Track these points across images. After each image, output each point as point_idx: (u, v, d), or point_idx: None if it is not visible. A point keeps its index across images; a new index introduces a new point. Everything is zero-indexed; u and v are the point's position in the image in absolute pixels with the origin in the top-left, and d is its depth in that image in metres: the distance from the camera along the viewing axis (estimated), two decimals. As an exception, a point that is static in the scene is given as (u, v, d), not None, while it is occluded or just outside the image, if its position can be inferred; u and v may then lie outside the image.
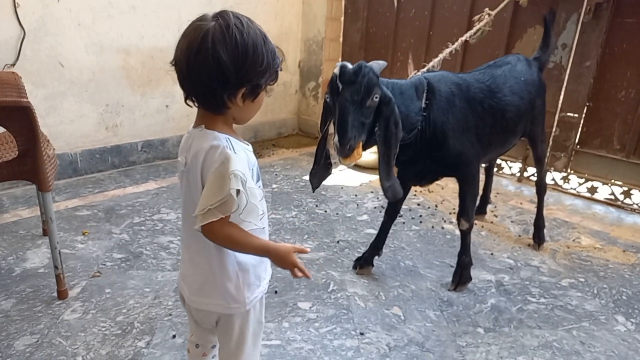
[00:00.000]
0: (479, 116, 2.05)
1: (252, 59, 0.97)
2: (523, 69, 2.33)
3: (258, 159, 3.58)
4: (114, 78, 3.36)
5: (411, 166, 2.04)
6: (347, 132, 1.57)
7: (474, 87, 2.07)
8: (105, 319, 1.80)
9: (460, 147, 1.99)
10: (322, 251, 2.47)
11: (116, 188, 3.14)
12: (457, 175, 2.11)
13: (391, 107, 1.70)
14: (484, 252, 2.57)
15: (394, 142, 1.73)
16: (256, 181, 1.08)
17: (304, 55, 4.83)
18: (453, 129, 1.95)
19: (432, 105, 1.89)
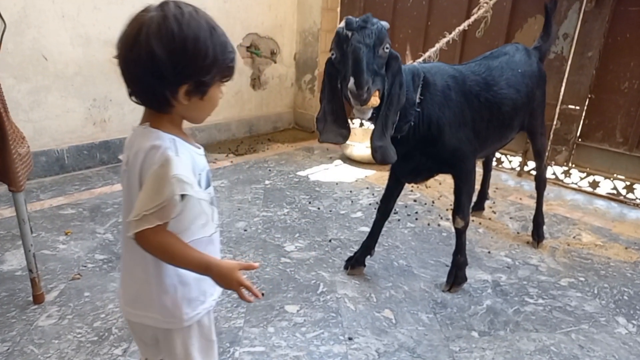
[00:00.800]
0: (475, 110, 1.97)
1: (192, 53, 0.88)
2: (521, 59, 2.23)
3: (252, 154, 3.49)
4: (102, 72, 3.26)
5: (405, 162, 1.95)
6: (363, 74, 1.46)
7: (470, 79, 1.98)
8: (82, 324, 1.72)
9: (457, 143, 1.91)
10: (314, 250, 2.39)
11: (103, 185, 3.06)
12: (453, 172, 2.02)
13: (399, 64, 1.64)
14: (481, 250, 2.49)
15: (395, 104, 1.65)
16: (205, 187, 1.00)
17: (299, 47, 4.73)
18: (449, 123, 1.87)
19: (427, 99, 1.81)
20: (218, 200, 2.94)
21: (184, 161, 0.91)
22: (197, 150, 1.01)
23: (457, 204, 2.05)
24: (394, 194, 2.16)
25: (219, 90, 0.98)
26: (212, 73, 0.92)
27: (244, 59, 4.27)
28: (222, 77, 0.97)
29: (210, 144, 4.15)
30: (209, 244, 1.03)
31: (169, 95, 0.91)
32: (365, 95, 1.48)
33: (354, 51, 1.49)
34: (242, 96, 4.39)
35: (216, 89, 0.97)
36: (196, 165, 0.96)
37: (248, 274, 2.12)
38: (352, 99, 1.51)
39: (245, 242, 2.42)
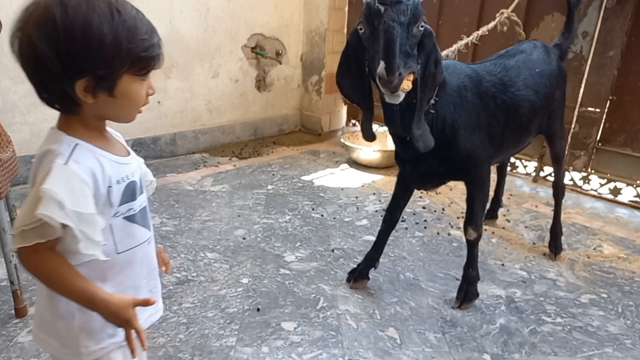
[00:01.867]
0: (491, 113, 1.83)
1: (81, 42, 0.76)
2: (540, 57, 2.08)
3: (256, 157, 3.34)
4: (101, 73, 3.17)
5: (416, 167, 1.82)
6: (395, 57, 1.31)
7: (486, 80, 1.85)
8: (61, 343, 1.60)
9: (471, 147, 1.77)
10: (315, 261, 2.25)
11: (101, 189, 2.96)
12: (466, 178, 1.88)
13: (433, 41, 1.49)
14: (494, 263, 2.33)
15: (431, 85, 1.52)
16: (124, 200, 0.88)
17: (306, 47, 4.61)
18: (464, 126, 1.73)
19: (442, 99, 1.67)
20: (218, 205, 2.83)
21: (68, 174, 0.78)
22: (116, 158, 0.88)
23: (469, 213, 1.91)
24: (401, 202, 2.02)
25: (139, 85, 0.85)
26: (114, 65, 0.80)
27: (248, 60, 4.17)
28: (136, 70, 0.83)
29: (213, 146, 4.04)
30: (111, 268, 0.89)
31: (70, 93, 0.79)
32: (396, 82, 1.33)
33: (387, 31, 1.34)
34: (247, 98, 4.28)
35: (131, 83, 0.83)
36: (105, 176, 0.84)
37: (244, 286, 1.99)
38: (381, 85, 1.36)
39: (243, 252, 2.29)
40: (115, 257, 0.89)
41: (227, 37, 3.94)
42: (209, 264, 2.15)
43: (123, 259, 0.91)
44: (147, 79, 0.87)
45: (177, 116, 3.75)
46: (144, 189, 0.97)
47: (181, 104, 3.75)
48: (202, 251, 2.27)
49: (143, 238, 0.95)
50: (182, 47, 3.61)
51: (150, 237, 0.98)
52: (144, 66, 0.84)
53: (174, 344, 1.62)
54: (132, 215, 0.91)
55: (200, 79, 3.83)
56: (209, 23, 3.75)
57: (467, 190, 1.90)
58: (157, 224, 2.52)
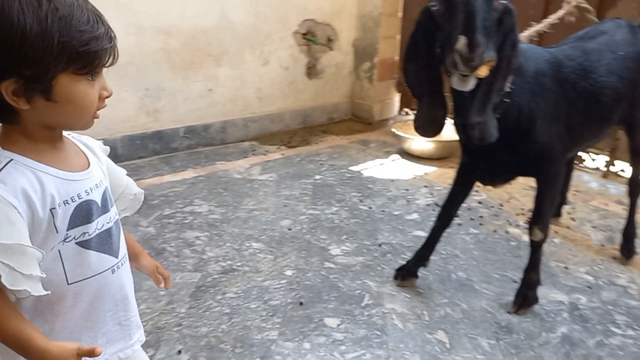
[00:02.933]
0: (571, 102, 1.66)
1: None
2: (624, 39, 1.87)
3: (304, 146, 3.28)
4: (154, 60, 3.22)
5: (484, 160, 1.68)
6: (478, 30, 1.20)
7: (565, 65, 1.68)
8: (108, 327, 1.64)
9: (548, 140, 1.62)
10: (361, 255, 2.18)
11: (154, 176, 3.02)
12: (538, 174, 1.73)
13: (513, 20, 1.36)
14: (556, 265, 2.16)
15: (505, 70, 1.39)
16: (68, 227, 0.76)
17: (358, 33, 4.48)
18: (541, 116, 1.58)
19: (518, 86, 1.52)
20: (265, 194, 2.81)
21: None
22: (64, 174, 0.76)
23: (537, 212, 1.75)
24: (458, 199, 1.89)
25: (86, 86, 0.74)
26: (44, 63, 0.68)
27: (299, 46, 4.10)
28: (76, 68, 0.71)
29: (262, 135, 4.03)
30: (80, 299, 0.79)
31: None
32: (477, 60, 1.21)
33: (468, 3, 1.22)
34: (297, 86, 4.22)
35: (73, 84, 0.72)
36: (46, 197, 0.72)
37: (288, 278, 1.95)
38: (460, 63, 1.22)
39: (288, 243, 2.26)
40: (65, 288, 0.78)
41: (278, 24, 3.89)
42: (254, 254, 2.13)
43: (76, 290, 0.79)
44: (97, 79, 0.76)
45: (228, 104, 3.76)
46: (109, 208, 0.84)
47: (231, 92, 3.76)
48: (247, 241, 2.25)
49: (103, 266, 0.82)
50: (233, 34, 3.60)
51: (116, 264, 0.85)
52: (86, 64, 0.72)
53: (216, 334, 1.61)
54: (86, 240, 0.79)
55: (251, 66, 3.82)
56: (259, 9, 3.72)
57: (537, 186, 1.74)
58: (205, 211, 2.54)
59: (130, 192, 0.98)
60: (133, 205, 1.00)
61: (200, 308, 1.74)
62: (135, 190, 0.99)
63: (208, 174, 3.10)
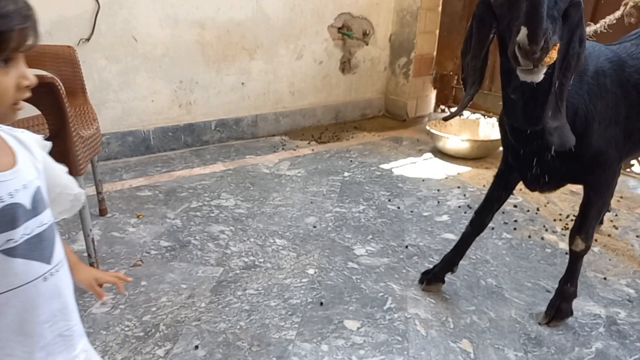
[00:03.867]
0: (632, 105, 1.54)
1: None
2: None
3: (335, 142, 3.22)
4: (188, 53, 3.25)
5: (533, 163, 1.56)
6: (542, 22, 1.09)
7: (628, 65, 1.55)
8: (132, 316, 1.65)
9: (604, 145, 1.50)
10: (386, 257, 2.12)
11: (184, 168, 3.06)
12: (589, 181, 1.60)
13: (581, 13, 1.26)
14: (594, 276, 2.04)
15: (574, 67, 1.29)
16: None
17: (396, 27, 4.39)
18: (599, 119, 1.46)
19: (576, 86, 1.42)
20: (292, 190, 2.79)
21: None
22: None
23: (582, 221, 1.63)
24: (494, 205, 1.79)
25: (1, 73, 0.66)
26: None
27: (334, 40, 4.05)
28: None
29: (293, 129, 4.02)
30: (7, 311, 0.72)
31: None
32: (540, 53, 1.11)
33: None
34: (330, 81, 4.18)
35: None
36: None
37: (310, 277, 1.93)
38: (521, 58, 1.13)
39: (312, 240, 2.23)
40: None
41: (314, 17, 3.85)
42: (277, 251, 2.12)
43: (1, 302, 0.72)
44: (13, 65, 0.68)
45: (260, 98, 3.76)
46: (42, 210, 0.76)
47: (264, 85, 3.75)
48: (271, 237, 2.24)
49: (33, 275, 0.74)
50: (267, 27, 3.59)
51: (48, 271, 0.77)
52: None
53: (234, 331, 1.60)
54: (12, 248, 0.70)
55: (285, 60, 3.80)
56: (295, 2, 3.69)
57: (585, 194, 1.62)
58: (231, 205, 2.54)
59: (70, 192, 0.90)
60: (73, 207, 0.91)
61: (220, 303, 1.73)
62: (76, 190, 0.91)
63: (237, 167, 3.11)
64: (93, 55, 2.85)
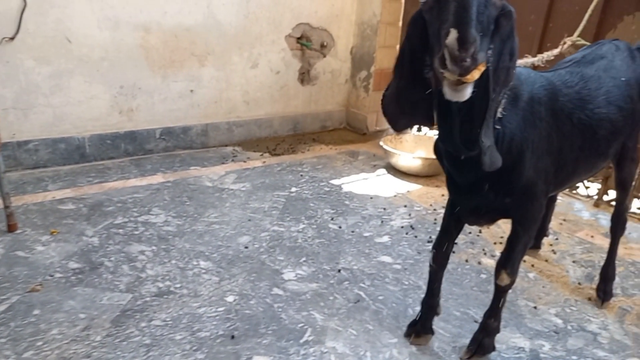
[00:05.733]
0: (565, 136, 1.48)
1: None
2: (624, 63, 1.70)
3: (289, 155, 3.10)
4: (131, 57, 3.11)
5: (469, 196, 1.48)
6: (471, 22, 0.99)
7: (563, 93, 1.50)
8: (11, 353, 1.50)
9: (533, 177, 1.43)
10: (316, 281, 2.02)
11: (119, 179, 2.90)
12: (517, 215, 1.52)
13: (512, 24, 1.16)
14: (526, 304, 1.98)
15: (504, 82, 1.19)
16: None
17: (356, 40, 4.33)
18: (533, 149, 1.39)
19: (512, 113, 1.34)
20: (231, 206, 2.67)
21: None
22: None
23: (508, 255, 1.55)
24: (452, 235, 1.68)
25: None
26: None
27: (292, 50, 3.96)
28: None
29: (248, 140, 3.91)
30: None
31: None
32: (470, 61, 1.00)
33: None
34: (288, 91, 4.09)
35: None
36: None
37: (227, 305, 1.81)
38: (450, 62, 1.00)
39: (240, 263, 2.11)
40: None
41: (270, 26, 3.75)
42: (198, 275, 1.99)
43: None
44: None
45: (211, 106, 3.64)
46: None
47: (216, 93, 3.63)
48: (196, 258, 2.11)
49: None
50: (219, 34, 3.47)
51: None
52: None
53: (130, 368, 1.47)
54: None
55: (238, 68, 3.69)
56: (250, 10, 3.59)
57: (512, 227, 1.54)
58: (160, 222, 2.41)
59: None
60: None
61: (118, 337, 1.60)
62: None
63: (177, 179, 2.97)
64: (19, 55, 2.68)
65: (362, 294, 1.96)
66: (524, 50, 3.34)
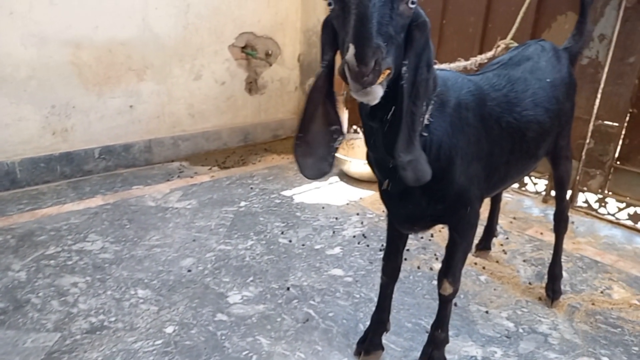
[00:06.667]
0: (495, 140, 1.46)
1: None
2: (549, 64, 1.71)
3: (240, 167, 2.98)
4: (62, 75, 2.93)
5: (402, 204, 1.44)
6: (370, 39, 0.93)
7: (490, 97, 1.47)
8: None
9: (465, 183, 1.40)
10: (263, 303, 1.94)
11: (53, 205, 2.72)
12: (453, 222, 1.50)
13: (427, 35, 1.11)
14: (477, 309, 1.97)
15: (423, 95, 1.15)
16: None
17: (303, 47, 4.29)
18: (462, 155, 1.36)
19: (439, 120, 1.30)
20: (175, 226, 2.54)
21: None
22: None
23: (448, 264, 1.52)
24: (399, 245, 1.63)
25: None
26: None
27: (237, 60, 3.87)
28: None
29: (196, 154, 3.78)
30: None
31: None
32: (371, 76, 0.95)
33: (360, 3, 0.95)
34: (236, 102, 3.99)
35: None
36: None
37: (166, 337, 1.70)
38: (350, 80, 0.96)
39: (182, 289, 2.00)
40: None
41: (212, 36, 3.65)
42: (136, 305, 1.87)
43: None
44: None
45: (153, 121, 3.49)
46: None
47: (157, 108, 3.49)
48: (134, 287, 1.98)
49: None
50: (157, 47, 3.34)
51: None
52: None
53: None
54: None
55: (180, 81, 3.56)
56: (189, 21, 3.47)
57: (449, 235, 1.52)
58: (96, 249, 2.26)
59: None
60: None
61: (40, 384, 1.47)
62: None
63: (118, 201, 2.81)
64: None
65: (312, 312, 1.89)
66: (466, 52, 3.39)
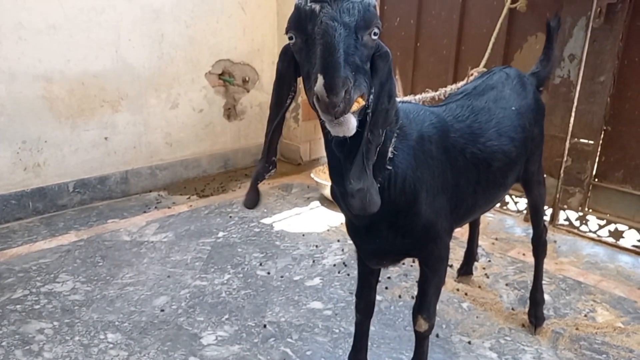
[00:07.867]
0: (460, 171, 1.44)
1: None
2: (514, 92, 1.71)
3: (219, 195, 2.93)
4: (33, 110, 2.88)
5: (369, 239, 1.40)
6: (338, 67, 0.93)
7: (454, 129, 1.46)
8: None
9: (432, 216, 1.37)
10: (238, 343, 1.87)
11: (24, 243, 2.64)
12: (423, 257, 1.47)
13: (389, 66, 1.11)
14: (460, 340, 1.92)
15: (381, 123, 1.13)
16: None
17: (281, 72, 4.28)
18: (426, 189, 1.33)
19: (403, 153, 1.28)
20: (150, 262, 2.47)
21: None
22: None
23: (421, 300, 1.49)
24: (371, 280, 1.59)
25: None
26: None
27: (214, 87, 3.85)
28: None
29: (174, 182, 3.72)
30: None
31: None
32: (342, 105, 0.93)
33: (325, 33, 0.95)
34: (214, 128, 3.96)
35: None
36: None
37: (136, 385, 1.62)
38: (321, 111, 0.95)
39: (154, 330, 1.93)
40: None
41: (188, 65, 3.63)
42: (104, 351, 1.79)
43: None
44: None
45: (129, 152, 3.44)
46: None
47: (133, 138, 3.44)
48: (104, 330, 1.91)
49: None
50: (132, 77, 3.31)
51: None
52: None
53: None
54: None
55: (156, 110, 3.52)
56: (164, 51, 3.46)
57: (420, 271, 1.48)
58: (66, 290, 2.18)
59: None
60: None
61: None
62: None
63: (92, 237, 2.74)
64: None
65: (289, 351, 1.83)
66: (441, 74, 3.42)
